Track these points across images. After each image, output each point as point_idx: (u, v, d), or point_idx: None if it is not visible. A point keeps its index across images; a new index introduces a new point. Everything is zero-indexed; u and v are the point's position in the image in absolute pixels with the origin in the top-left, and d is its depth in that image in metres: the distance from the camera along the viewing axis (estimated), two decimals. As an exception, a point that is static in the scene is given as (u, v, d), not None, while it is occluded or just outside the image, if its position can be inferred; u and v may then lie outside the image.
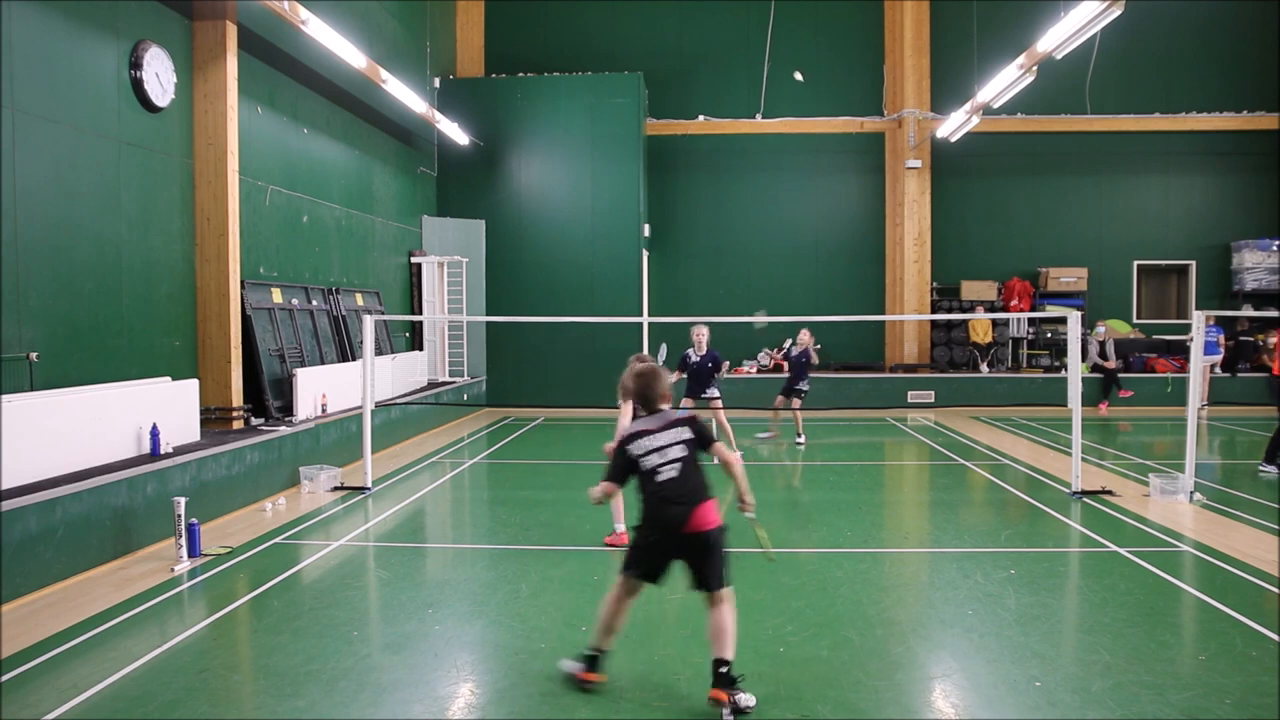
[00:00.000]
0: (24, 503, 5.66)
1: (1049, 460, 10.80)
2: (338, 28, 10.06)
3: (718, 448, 4.34)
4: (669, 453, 4.23)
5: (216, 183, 9.04)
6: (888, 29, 18.31)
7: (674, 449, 4.24)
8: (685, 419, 4.34)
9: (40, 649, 4.79)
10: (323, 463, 9.52)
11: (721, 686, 4.01)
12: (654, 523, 4.22)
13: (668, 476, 4.20)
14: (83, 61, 7.50)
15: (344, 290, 12.47)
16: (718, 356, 10.82)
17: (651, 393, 4.39)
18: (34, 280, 6.89)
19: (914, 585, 6.16)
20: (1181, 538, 7.08)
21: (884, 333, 18.57)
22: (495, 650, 4.81)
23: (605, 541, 6.88)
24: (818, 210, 18.66)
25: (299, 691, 4.23)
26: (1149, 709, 4.00)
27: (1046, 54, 10.80)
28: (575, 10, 18.46)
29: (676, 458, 4.23)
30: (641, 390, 4.41)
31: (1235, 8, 17.92)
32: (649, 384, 4.39)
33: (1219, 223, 18.25)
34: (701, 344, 10.78)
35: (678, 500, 4.17)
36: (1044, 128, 18.10)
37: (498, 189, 16.99)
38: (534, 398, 16.19)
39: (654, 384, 4.39)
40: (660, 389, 4.39)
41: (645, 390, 4.40)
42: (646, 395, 4.40)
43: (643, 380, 4.40)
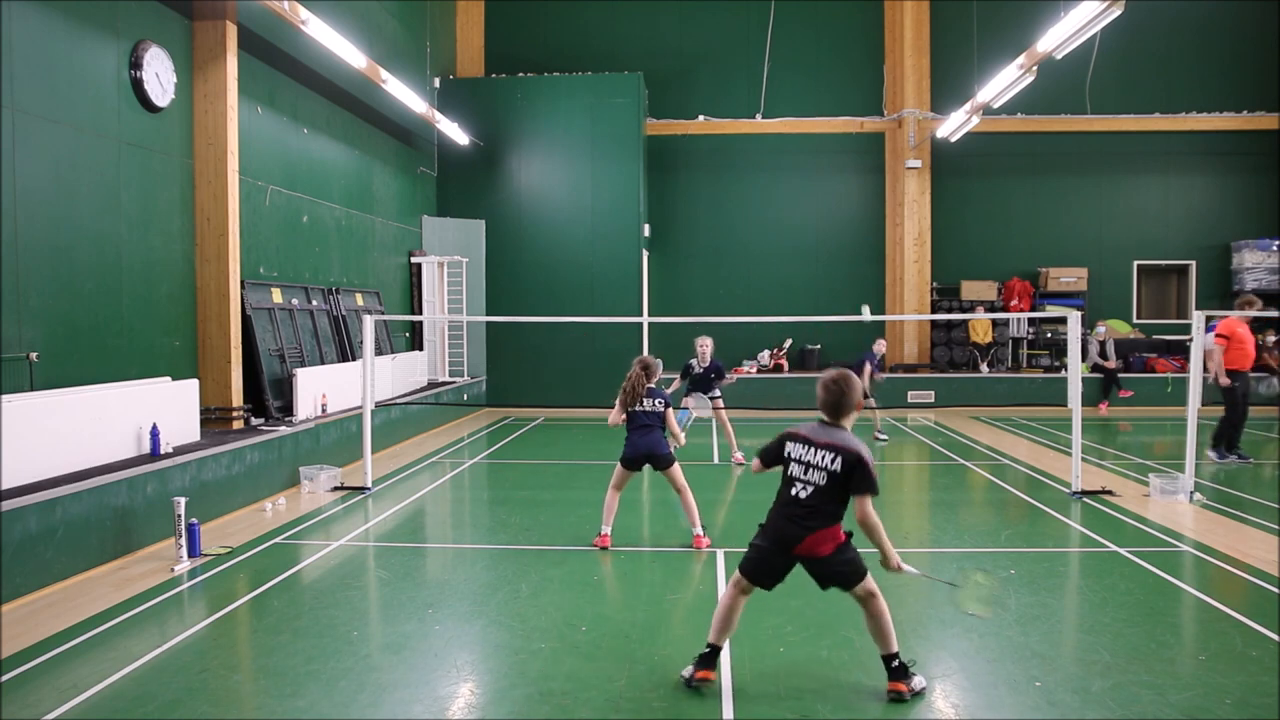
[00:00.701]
0: (24, 503, 5.66)
1: (1049, 460, 10.80)
2: (338, 28, 10.06)
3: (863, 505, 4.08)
4: (813, 474, 4.10)
5: (216, 183, 9.04)
6: (888, 29, 18.31)
7: (817, 472, 4.09)
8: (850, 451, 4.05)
9: (40, 649, 4.78)
10: (323, 463, 9.52)
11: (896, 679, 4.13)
12: (769, 531, 4.20)
13: (797, 493, 4.12)
14: (83, 61, 7.50)
15: (344, 290, 12.47)
16: (720, 367, 10.81)
17: (840, 403, 4.17)
18: (34, 280, 6.88)
19: (914, 585, 6.15)
20: (1181, 538, 7.08)
21: (884, 333, 18.57)
22: (495, 650, 4.81)
23: (593, 544, 6.85)
24: (818, 210, 18.66)
25: (299, 691, 4.23)
26: (1149, 709, 4.00)
27: (1046, 54, 10.80)
28: (575, 10, 18.46)
29: (816, 483, 4.09)
30: (831, 400, 4.19)
31: (1235, 8, 17.92)
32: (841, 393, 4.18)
33: (1219, 223, 18.26)
34: (705, 355, 10.75)
35: (794, 520, 4.10)
36: (1044, 128, 18.10)
37: (498, 189, 16.99)
38: (534, 398, 16.19)
39: (847, 393, 4.18)
40: (853, 399, 4.18)
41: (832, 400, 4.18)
42: (833, 405, 4.19)
43: (837, 388, 4.18)
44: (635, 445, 6.73)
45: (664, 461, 6.77)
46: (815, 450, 4.11)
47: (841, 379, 4.21)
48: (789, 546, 4.12)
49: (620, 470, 6.84)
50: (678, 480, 6.84)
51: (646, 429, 6.75)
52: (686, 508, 6.89)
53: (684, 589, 5.87)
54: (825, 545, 4.10)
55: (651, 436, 6.75)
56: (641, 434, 6.75)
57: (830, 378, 4.23)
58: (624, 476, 6.87)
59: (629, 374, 6.83)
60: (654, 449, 6.73)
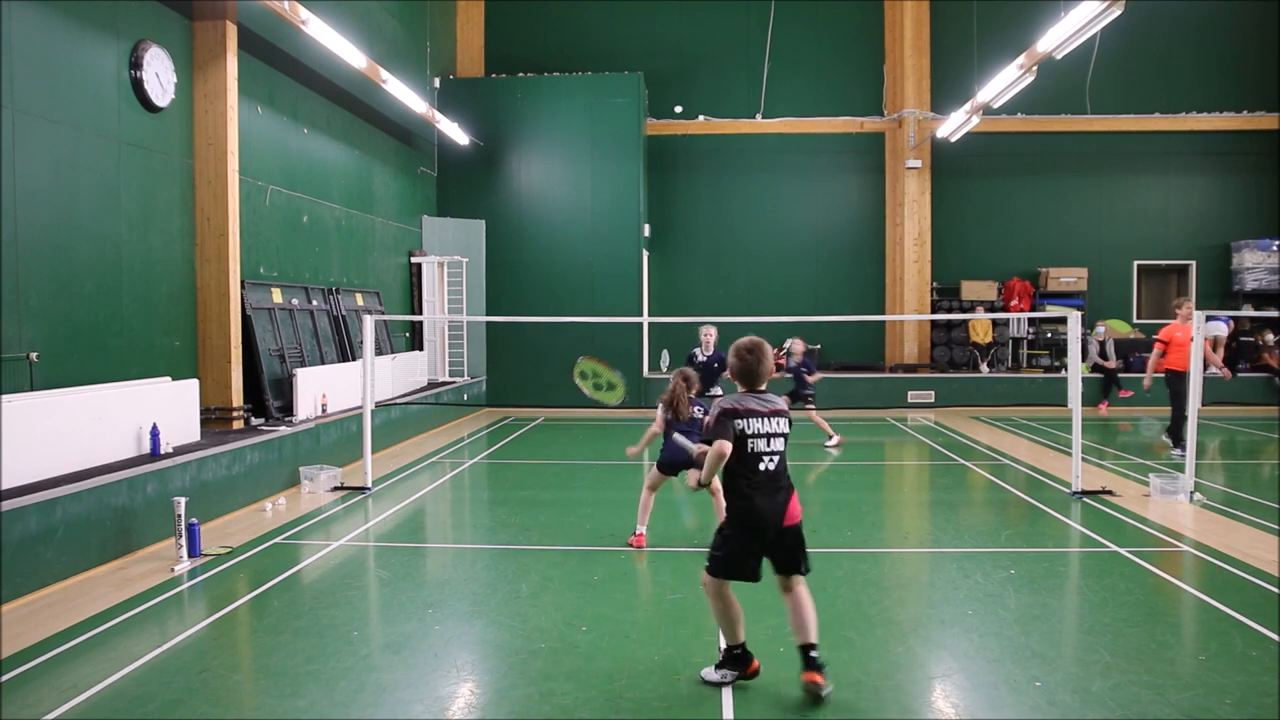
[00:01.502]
0: (24, 503, 5.66)
1: (1049, 460, 10.80)
2: (338, 28, 10.06)
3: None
4: (774, 443, 4.07)
5: (216, 183, 9.04)
6: (888, 29, 18.31)
7: (778, 440, 4.09)
8: (787, 410, 4.17)
9: (40, 649, 4.78)
10: (323, 463, 9.52)
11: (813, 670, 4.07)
12: (747, 516, 4.06)
13: (768, 468, 4.06)
14: (83, 61, 7.50)
15: (344, 290, 12.47)
16: (724, 357, 10.83)
17: (759, 369, 4.13)
18: (34, 280, 6.89)
19: (914, 585, 6.16)
20: (1181, 538, 7.08)
21: (884, 333, 18.58)
22: (495, 650, 4.80)
23: (629, 543, 6.83)
24: (818, 210, 18.66)
25: (299, 691, 4.23)
26: (1149, 709, 3.99)
27: (1046, 54, 10.80)
28: (575, 10, 18.47)
29: (778, 450, 4.09)
30: (748, 367, 4.13)
31: (1235, 8, 17.92)
32: (760, 359, 4.14)
33: (1219, 223, 18.26)
34: (709, 344, 10.80)
35: (774, 493, 4.05)
36: (1044, 128, 18.10)
37: (498, 189, 16.99)
38: (534, 398, 16.18)
39: (762, 360, 4.15)
40: (768, 366, 4.16)
41: (752, 367, 4.13)
42: (752, 373, 4.13)
43: (752, 356, 4.13)
44: (674, 451, 6.69)
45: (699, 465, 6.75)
46: (768, 420, 4.08)
47: (756, 347, 4.17)
48: (779, 521, 4.07)
49: (656, 473, 6.86)
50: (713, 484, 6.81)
51: (686, 434, 6.76)
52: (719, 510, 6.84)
53: (684, 589, 5.87)
54: (798, 509, 4.17)
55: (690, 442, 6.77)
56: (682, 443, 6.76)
57: (745, 346, 4.18)
58: (659, 479, 6.88)
59: (671, 386, 6.83)
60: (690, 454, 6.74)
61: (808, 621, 4.16)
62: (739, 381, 4.23)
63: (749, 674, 4.19)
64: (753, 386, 4.18)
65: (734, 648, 4.21)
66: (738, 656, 4.21)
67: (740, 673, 4.20)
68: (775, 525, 4.07)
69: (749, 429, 4.04)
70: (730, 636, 4.21)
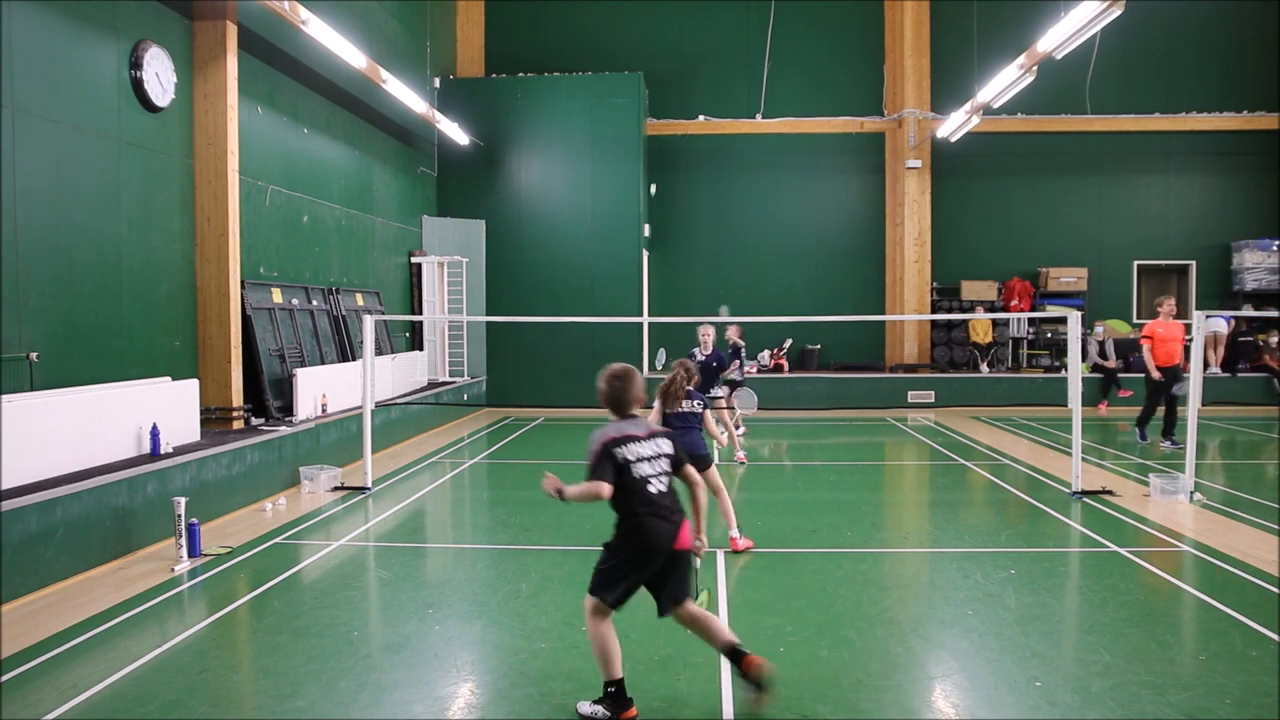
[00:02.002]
0: (24, 503, 5.66)
1: (1049, 460, 10.80)
2: (338, 28, 10.06)
3: (688, 470, 4.20)
4: (658, 464, 4.06)
5: (216, 183, 9.04)
6: (888, 29, 18.31)
7: (661, 460, 4.08)
8: (667, 432, 4.20)
9: (40, 649, 4.78)
10: (323, 463, 9.52)
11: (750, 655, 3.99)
12: (639, 537, 3.96)
13: (658, 489, 4.02)
14: (83, 61, 7.50)
15: (344, 290, 12.47)
16: (723, 356, 10.83)
17: (627, 395, 4.14)
18: (34, 280, 6.88)
19: (914, 585, 6.16)
20: (1181, 538, 7.08)
21: (884, 333, 18.58)
22: (495, 650, 4.81)
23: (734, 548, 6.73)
24: (818, 210, 18.66)
25: (299, 691, 4.23)
26: (1149, 709, 4.00)
27: (1046, 54, 10.80)
28: (575, 10, 18.47)
29: (664, 470, 4.08)
30: (616, 394, 4.14)
31: (1235, 8, 17.92)
32: (626, 386, 4.14)
33: (1219, 223, 18.26)
34: (707, 343, 10.81)
35: (667, 516, 3.99)
36: (1044, 128, 18.10)
37: (498, 189, 16.99)
38: (534, 398, 16.18)
39: (630, 386, 4.14)
40: (635, 392, 4.15)
41: (621, 394, 4.14)
42: (621, 399, 4.14)
43: (620, 382, 4.14)
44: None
45: (703, 463, 6.65)
46: (647, 443, 4.07)
47: (624, 373, 4.16)
48: (668, 544, 3.98)
49: None
50: (715, 481, 6.76)
51: (686, 430, 6.69)
52: (724, 509, 6.81)
53: (684, 589, 5.86)
54: (688, 534, 4.09)
55: (691, 437, 6.66)
56: (681, 435, 6.68)
57: (613, 372, 4.17)
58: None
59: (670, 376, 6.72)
60: (694, 449, 6.65)
61: (718, 628, 4.12)
62: (609, 408, 4.18)
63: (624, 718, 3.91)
64: (623, 413, 4.15)
65: (610, 684, 3.93)
66: (614, 695, 3.92)
67: (614, 715, 3.90)
68: (668, 546, 3.98)
69: (631, 455, 4.01)
70: (607, 671, 3.95)
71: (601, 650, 3.95)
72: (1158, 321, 11.51)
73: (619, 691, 3.93)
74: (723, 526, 6.81)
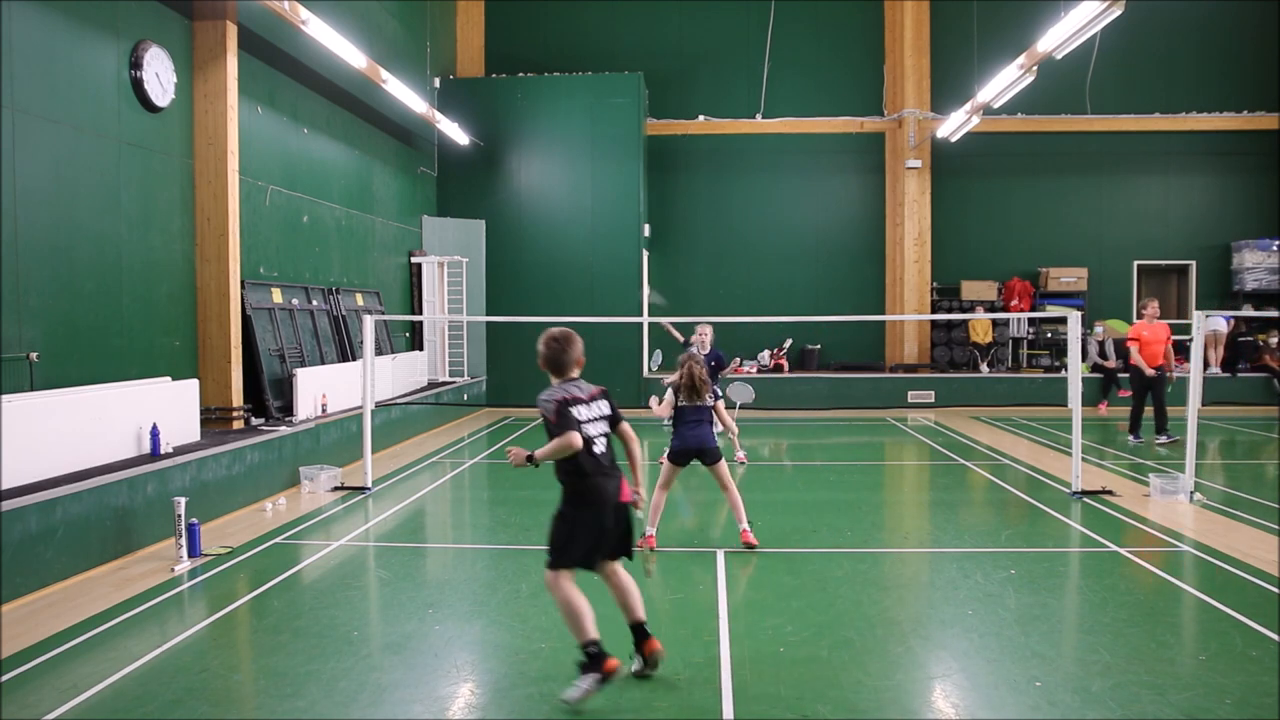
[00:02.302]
0: (24, 503, 5.66)
1: (1049, 460, 10.80)
2: (338, 28, 10.05)
3: (624, 427, 4.42)
4: (600, 425, 4.29)
5: (216, 183, 9.04)
6: (888, 29, 18.31)
7: (601, 422, 4.31)
8: (604, 392, 4.41)
9: (40, 649, 4.78)
10: (323, 463, 9.52)
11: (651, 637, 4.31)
12: (591, 496, 4.19)
13: (601, 449, 4.25)
14: (83, 61, 7.50)
15: (344, 290, 12.47)
16: (722, 356, 10.82)
17: (567, 358, 4.32)
18: (34, 280, 6.88)
19: (914, 585, 6.16)
20: (1181, 538, 7.08)
21: (884, 333, 18.57)
22: (495, 650, 4.81)
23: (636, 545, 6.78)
24: (818, 210, 18.66)
25: (299, 691, 4.23)
26: (1149, 709, 4.00)
27: (1046, 54, 10.80)
28: (575, 10, 18.46)
29: (604, 431, 4.32)
30: (555, 356, 4.32)
31: (1235, 8, 17.92)
32: (565, 348, 4.32)
33: (1219, 223, 18.25)
34: (705, 343, 10.79)
35: (609, 473, 4.25)
36: (1044, 128, 18.10)
37: (498, 189, 16.98)
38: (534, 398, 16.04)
39: (569, 349, 4.33)
40: (575, 354, 4.34)
41: (560, 355, 4.32)
42: (560, 361, 4.32)
43: (558, 345, 4.32)
44: (685, 439, 6.60)
45: (713, 455, 6.65)
46: (590, 405, 4.28)
47: (563, 335, 4.35)
48: (615, 497, 4.23)
49: (669, 467, 6.73)
50: (724, 477, 6.73)
51: (698, 423, 6.65)
52: (733, 504, 6.77)
53: (684, 589, 5.87)
54: (627, 489, 4.31)
55: (701, 430, 6.65)
56: (691, 428, 6.64)
57: (552, 334, 4.36)
58: (673, 473, 6.75)
59: (685, 369, 6.66)
60: (704, 442, 6.63)
61: (637, 601, 4.34)
62: (549, 370, 4.36)
63: (607, 673, 3.98)
64: (564, 375, 4.33)
65: (588, 645, 4.04)
66: (595, 656, 4.01)
67: (599, 673, 3.97)
68: (613, 501, 4.22)
69: (581, 415, 4.20)
70: (580, 633, 4.07)
71: (574, 615, 4.10)
72: (1143, 324, 12.00)
73: (598, 651, 4.02)
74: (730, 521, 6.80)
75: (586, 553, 4.23)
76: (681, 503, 8.40)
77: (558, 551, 4.22)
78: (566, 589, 4.15)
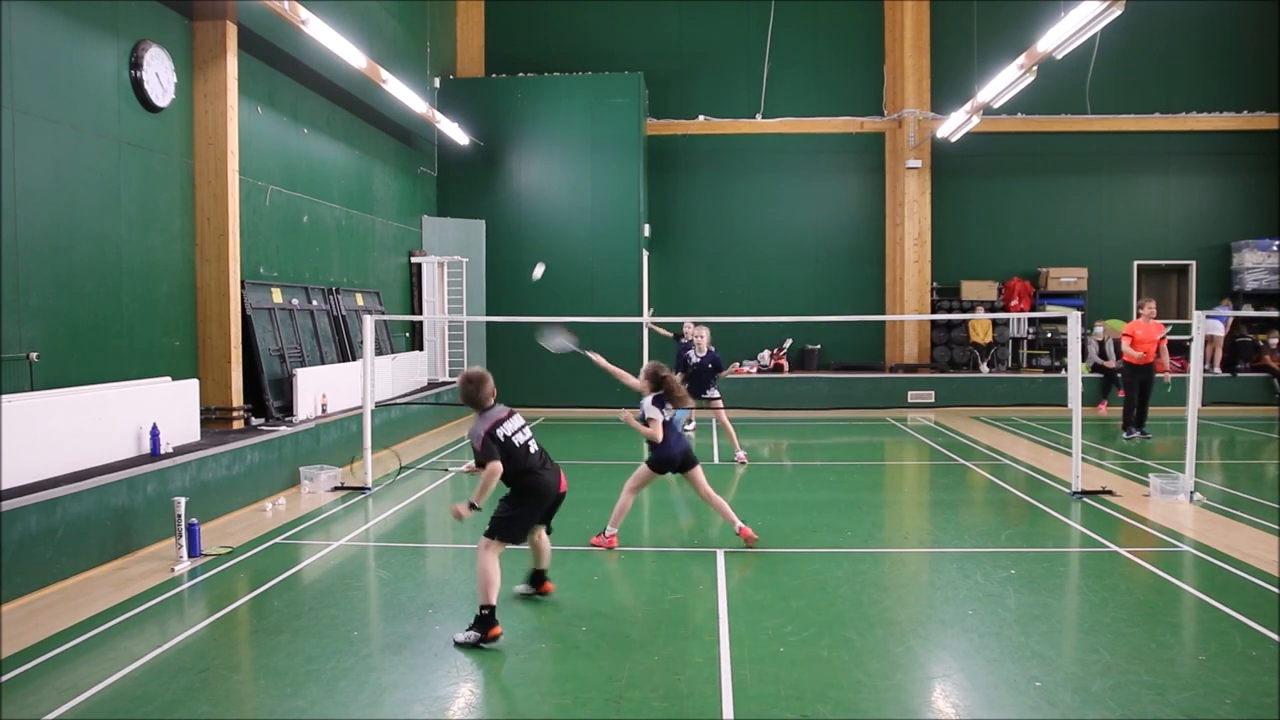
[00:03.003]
0: (24, 503, 5.66)
1: (1049, 460, 10.80)
2: (338, 28, 10.05)
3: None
4: (526, 431, 5.21)
5: (216, 183, 9.04)
6: (888, 29, 18.31)
7: (527, 428, 5.23)
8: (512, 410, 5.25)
9: (40, 649, 4.79)
10: (323, 463, 9.52)
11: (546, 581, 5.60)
12: (536, 489, 5.12)
13: (535, 449, 5.20)
14: (83, 61, 7.50)
15: (344, 290, 12.47)
16: (719, 358, 10.84)
17: (480, 394, 5.18)
18: (34, 280, 6.88)
19: (914, 585, 6.16)
20: (1181, 538, 7.08)
21: (884, 333, 18.57)
22: (495, 650, 4.80)
23: (594, 543, 6.85)
24: (818, 210, 18.66)
25: (299, 691, 4.23)
26: (1149, 709, 4.00)
27: (1046, 54, 10.80)
28: (575, 10, 18.46)
29: (530, 435, 5.23)
30: (470, 394, 5.17)
31: (1235, 8, 17.92)
32: (478, 387, 5.17)
33: (1219, 223, 18.25)
34: (702, 345, 10.80)
35: (548, 467, 5.23)
36: (1044, 128, 18.09)
37: (498, 189, 16.98)
38: (534, 398, 16.12)
39: (482, 387, 5.18)
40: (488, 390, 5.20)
41: (475, 393, 5.17)
42: (475, 397, 5.17)
43: (472, 385, 5.17)
44: (672, 448, 6.65)
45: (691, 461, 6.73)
46: (511, 420, 5.18)
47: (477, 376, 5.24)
48: (558, 489, 5.27)
49: (646, 473, 6.75)
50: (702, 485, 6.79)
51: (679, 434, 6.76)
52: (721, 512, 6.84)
53: (684, 589, 5.87)
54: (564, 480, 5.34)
55: (684, 441, 6.80)
56: (675, 439, 6.71)
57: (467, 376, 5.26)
58: (648, 479, 6.81)
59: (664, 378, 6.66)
60: (689, 451, 6.75)
61: (547, 553, 5.57)
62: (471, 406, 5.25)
63: (490, 636, 4.78)
64: (482, 407, 5.18)
65: (485, 608, 4.83)
66: (485, 619, 4.81)
67: (483, 634, 4.78)
68: (555, 491, 5.24)
69: (508, 430, 5.10)
70: (485, 597, 4.86)
71: (488, 581, 4.89)
72: (1137, 323, 12.48)
73: (490, 615, 4.82)
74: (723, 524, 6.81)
75: (521, 534, 5.16)
76: (678, 503, 8.40)
77: (499, 530, 5.05)
78: (491, 559, 4.96)
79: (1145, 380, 12.49)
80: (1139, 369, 12.41)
